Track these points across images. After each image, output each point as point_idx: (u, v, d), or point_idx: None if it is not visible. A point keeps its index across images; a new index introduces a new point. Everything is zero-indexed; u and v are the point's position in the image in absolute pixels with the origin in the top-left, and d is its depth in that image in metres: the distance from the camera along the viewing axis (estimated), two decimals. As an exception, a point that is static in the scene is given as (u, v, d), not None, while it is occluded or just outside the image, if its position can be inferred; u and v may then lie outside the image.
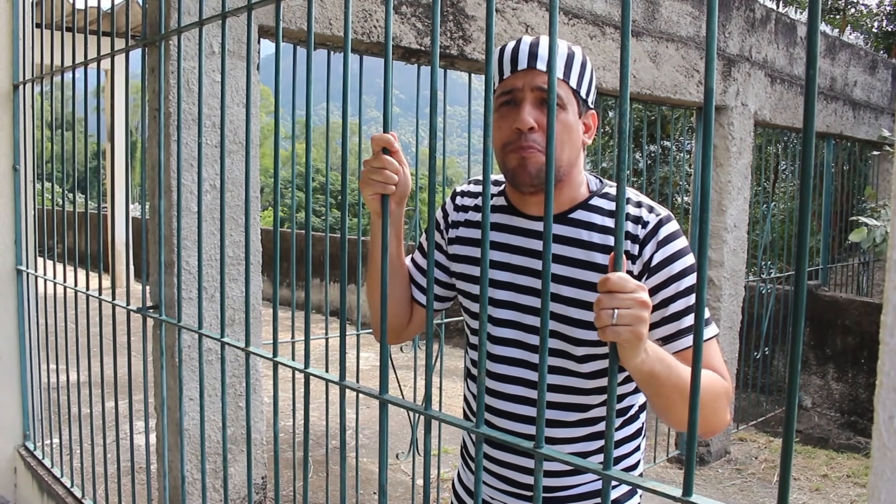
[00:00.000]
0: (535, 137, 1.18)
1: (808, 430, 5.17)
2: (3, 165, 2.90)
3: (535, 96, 1.18)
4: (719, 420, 1.15)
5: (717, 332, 1.21)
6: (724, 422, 1.16)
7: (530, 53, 1.19)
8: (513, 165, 1.21)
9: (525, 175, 1.20)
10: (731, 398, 1.17)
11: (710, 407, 1.12)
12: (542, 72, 1.18)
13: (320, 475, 3.87)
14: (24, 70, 2.88)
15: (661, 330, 1.18)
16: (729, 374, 1.19)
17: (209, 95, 2.12)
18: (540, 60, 1.18)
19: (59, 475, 2.77)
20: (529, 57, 1.19)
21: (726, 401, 1.16)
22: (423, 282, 1.42)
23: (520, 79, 1.19)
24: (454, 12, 2.80)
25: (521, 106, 1.19)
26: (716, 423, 1.15)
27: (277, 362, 1.31)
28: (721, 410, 1.15)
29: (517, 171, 1.21)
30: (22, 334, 2.98)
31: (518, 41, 1.22)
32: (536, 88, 1.18)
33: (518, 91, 1.19)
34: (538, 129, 1.18)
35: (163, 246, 2.00)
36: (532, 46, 1.20)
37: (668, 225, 1.21)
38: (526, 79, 1.19)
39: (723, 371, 1.18)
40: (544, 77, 1.17)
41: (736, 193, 4.22)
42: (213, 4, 2.07)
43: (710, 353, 1.18)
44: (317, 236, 8.04)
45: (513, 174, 1.22)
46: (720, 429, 1.17)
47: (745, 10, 4.24)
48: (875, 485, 0.58)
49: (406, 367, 4.90)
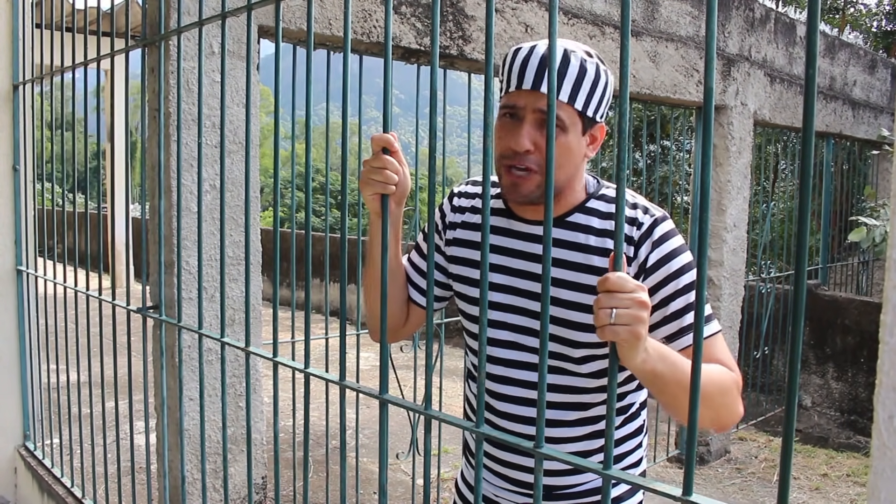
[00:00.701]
0: (531, 158, 1.17)
1: (807, 429, 5.17)
2: (4, 165, 2.90)
3: (535, 118, 1.17)
4: (731, 413, 1.14)
5: (720, 328, 1.21)
6: (736, 414, 1.15)
7: (538, 72, 1.15)
8: (506, 184, 1.21)
9: (516, 195, 1.21)
10: (741, 390, 1.16)
11: (719, 401, 1.12)
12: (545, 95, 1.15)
13: (320, 475, 3.88)
14: (24, 70, 2.88)
15: (663, 329, 1.19)
16: (738, 366, 1.19)
17: (209, 95, 2.12)
18: (545, 82, 1.15)
19: (59, 475, 2.77)
20: (536, 77, 1.15)
21: (736, 393, 1.15)
22: (419, 282, 1.42)
23: (523, 97, 1.17)
24: (454, 12, 2.80)
25: (520, 124, 1.17)
26: (727, 417, 1.14)
27: (277, 362, 1.31)
28: (732, 404, 1.14)
29: (509, 190, 1.21)
30: (22, 334, 2.98)
31: (530, 52, 1.17)
32: (538, 111, 1.16)
33: (520, 109, 1.18)
34: (535, 151, 1.17)
35: (163, 246, 2.00)
36: (542, 62, 1.15)
37: (663, 225, 1.21)
38: (529, 99, 1.16)
39: (730, 364, 1.17)
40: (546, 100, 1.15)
41: (735, 193, 4.22)
42: (213, 4, 2.07)
43: (717, 347, 1.18)
44: (317, 236, 8.04)
45: (506, 190, 1.22)
46: (733, 422, 1.16)
47: (744, 9, 4.24)
48: (875, 484, 0.58)
49: (406, 367, 4.90)
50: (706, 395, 1.05)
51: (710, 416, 1.12)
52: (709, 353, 1.16)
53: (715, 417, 1.13)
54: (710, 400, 1.08)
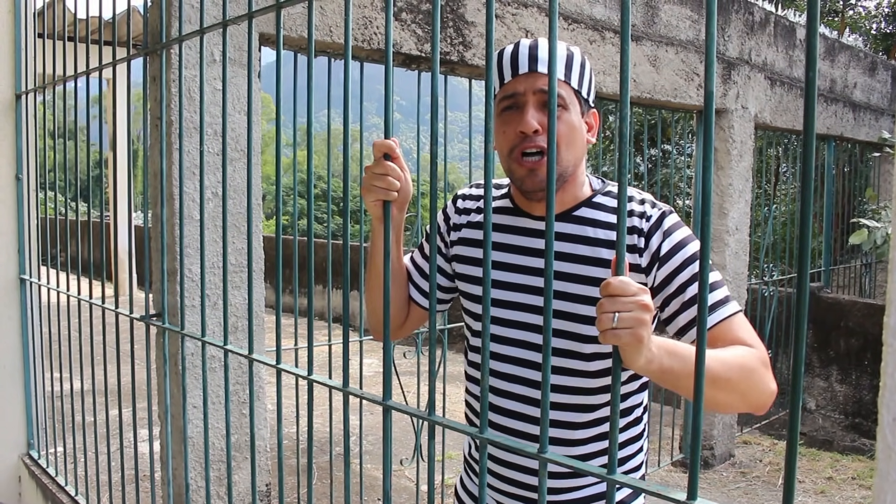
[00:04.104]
0: (542, 138, 1.19)
1: (812, 432, 5.15)
2: (6, 175, 2.91)
3: (537, 99, 1.19)
4: (761, 393, 1.10)
5: (739, 308, 1.18)
6: (768, 392, 1.10)
7: (530, 56, 1.20)
8: (521, 174, 1.22)
9: (535, 182, 1.21)
10: (769, 366, 1.11)
11: (745, 384, 1.08)
12: (543, 74, 1.18)
13: (324, 482, 3.87)
14: (26, 80, 2.89)
15: (683, 316, 1.18)
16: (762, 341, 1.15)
17: (210, 103, 2.13)
18: (540, 63, 1.19)
19: (63, 483, 2.77)
20: (530, 60, 1.19)
21: (765, 370, 1.10)
22: (421, 283, 1.43)
23: (521, 83, 1.20)
24: (454, 18, 2.81)
25: (524, 110, 1.19)
26: (758, 397, 1.10)
27: (281, 369, 1.31)
28: (760, 382, 1.09)
29: (526, 180, 1.22)
30: (25, 343, 2.98)
31: (516, 45, 1.22)
32: (538, 91, 1.19)
33: (520, 95, 1.20)
34: (542, 132, 1.19)
35: (165, 254, 2.00)
36: (531, 49, 1.20)
37: (671, 216, 1.23)
38: (527, 82, 1.19)
39: (754, 342, 1.13)
40: (546, 79, 1.17)
41: (737, 196, 4.22)
42: (214, 13, 2.07)
43: (738, 326, 1.16)
44: (319, 243, 8.05)
45: (521, 182, 1.23)
46: (767, 400, 1.11)
47: (744, 13, 4.24)
48: (880, 487, 0.58)
49: (409, 373, 4.90)
50: (726, 380, 1.03)
51: (739, 399, 1.08)
52: (731, 334, 1.14)
53: (744, 400, 1.09)
54: (732, 384, 1.05)
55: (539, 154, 1.19)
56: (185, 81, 2.05)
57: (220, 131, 2.12)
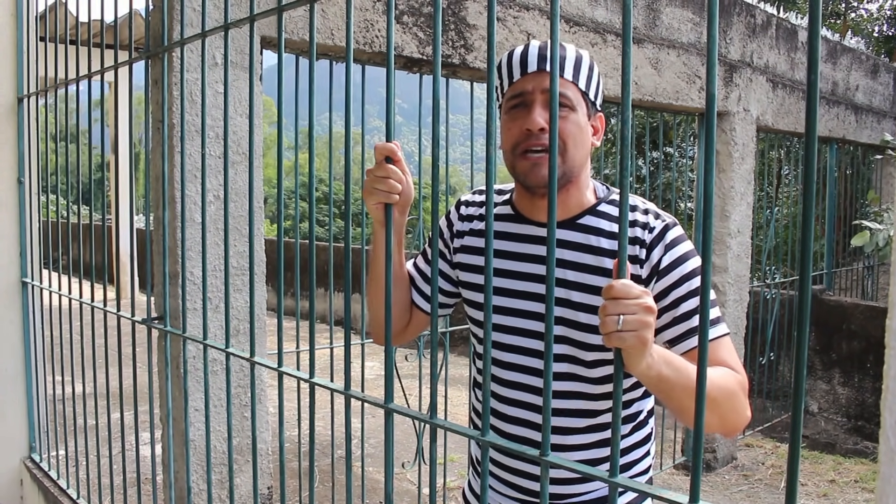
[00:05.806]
0: (545, 138, 1.19)
1: (814, 435, 5.14)
2: (8, 178, 2.92)
3: (545, 98, 1.20)
4: (738, 417, 1.13)
5: (727, 331, 1.20)
6: (743, 417, 1.14)
7: (540, 55, 1.20)
8: (525, 168, 1.22)
9: (537, 178, 1.21)
10: (748, 393, 1.15)
11: (726, 405, 1.11)
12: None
13: (326, 485, 3.87)
14: (28, 83, 2.90)
15: (671, 331, 1.18)
16: (743, 369, 1.18)
17: (212, 106, 2.13)
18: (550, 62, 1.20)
19: (65, 487, 2.77)
20: (539, 59, 1.20)
21: (743, 396, 1.14)
22: (424, 287, 1.43)
23: (530, 81, 1.21)
24: (455, 21, 2.81)
25: (531, 108, 1.20)
26: (734, 420, 1.13)
27: (282, 372, 1.31)
28: (738, 407, 1.13)
29: (529, 175, 1.22)
30: (27, 346, 2.98)
31: (526, 45, 1.23)
32: (546, 90, 1.19)
33: (528, 94, 1.21)
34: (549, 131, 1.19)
35: (167, 257, 2.00)
36: (541, 49, 1.21)
37: (675, 229, 1.23)
38: (536, 81, 1.20)
39: (736, 366, 1.16)
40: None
41: (739, 199, 4.21)
42: (216, 16, 2.08)
43: (723, 349, 1.17)
44: (320, 246, 8.05)
45: (524, 177, 1.23)
46: (741, 425, 1.15)
47: (745, 15, 4.24)
48: (883, 490, 0.58)
49: (411, 376, 4.89)
50: (710, 399, 1.05)
51: (717, 421, 1.11)
52: (715, 355, 1.16)
53: (721, 422, 1.12)
54: (714, 404, 1.07)
55: (542, 151, 1.20)
56: (186, 84, 2.05)
57: (222, 134, 2.12)
